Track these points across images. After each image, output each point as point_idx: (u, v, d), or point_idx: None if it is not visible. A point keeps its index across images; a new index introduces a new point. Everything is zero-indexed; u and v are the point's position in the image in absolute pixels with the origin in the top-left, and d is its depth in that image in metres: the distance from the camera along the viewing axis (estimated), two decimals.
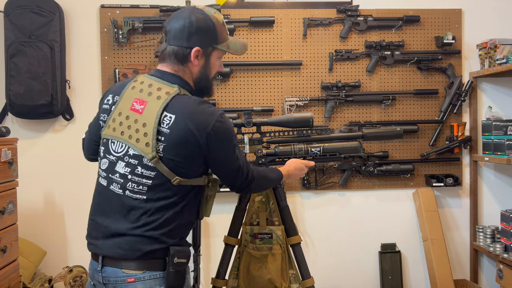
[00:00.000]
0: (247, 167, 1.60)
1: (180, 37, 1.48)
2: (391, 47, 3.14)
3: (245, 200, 2.24)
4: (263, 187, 1.90)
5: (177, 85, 1.48)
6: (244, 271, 2.19)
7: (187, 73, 1.53)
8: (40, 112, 2.88)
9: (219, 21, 1.53)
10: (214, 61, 1.57)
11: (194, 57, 1.49)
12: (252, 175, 1.62)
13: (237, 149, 1.54)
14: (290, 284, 2.23)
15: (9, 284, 2.34)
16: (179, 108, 1.43)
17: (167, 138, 1.41)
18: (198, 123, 1.42)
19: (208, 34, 1.50)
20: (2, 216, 2.30)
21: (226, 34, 1.57)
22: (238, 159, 1.55)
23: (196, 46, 1.48)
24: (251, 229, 2.21)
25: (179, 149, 1.42)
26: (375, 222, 3.24)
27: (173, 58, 1.50)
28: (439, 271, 3.06)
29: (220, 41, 1.55)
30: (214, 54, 1.55)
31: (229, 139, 1.49)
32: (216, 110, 1.48)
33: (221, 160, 1.51)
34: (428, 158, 3.17)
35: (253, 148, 2.20)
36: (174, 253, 1.43)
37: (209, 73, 1.57)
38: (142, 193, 1.44)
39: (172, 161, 1.42)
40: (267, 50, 3.12)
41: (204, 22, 1.49)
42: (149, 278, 1.43)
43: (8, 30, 2.84)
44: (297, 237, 2.22)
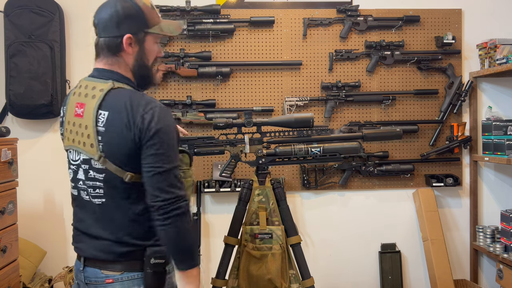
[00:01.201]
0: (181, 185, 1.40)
1: (109, 27, 1.44)
2: (391, 47, 3.13)
3: (245, 200, 2.24)
4: (184, 239, 1.39)
5: (111, 80, 1.43)
6: (244, 271, 2.19)
7: (122, 64, 1.47)
8: (40, 112, 2.88)
9: (146, 5, 1.47)
10: (150, 47, 1.50)
11: (127, 45, 1.44)
12: (184, 201, 1.39)
13: (174, 151, 1.41)
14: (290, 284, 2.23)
15: (9, 284, 2.34)
16: (111, 104, 1.39)
17: (104, 136, 1.38)
18: (133, 116, 1.37)
19: (137, 19, 1.44)
20: (2, 216, 2.30)
21: (157, 17, 1.50)
22: (173, 162, 1.39)
23: (127, 33, 1.43)
24: (251, 229, 2.22)
25: (116, 145, 1.38)
26: (375, 222, 3.24)
27: (106, 50, 1.45)
28: (439, 271, 3.06)
29: (151, 25, 1.48)
30: (148, 39, 1.48)
31: (166, 132, 1.38)
32: (150, 101, 1.40)
33: (154, 156, 1.37)
34: (428, 158, 3.17)
35: (253, 148, 2.20)
36: (150, 254, 1.41)
37: (146, 60, 1.50)
38: (100, 196, 1.43)
39: (116, 158, 1.38)
40: (267, 50, 3.12)
41: (131, 7, 1.43)
42: (127, 279, 1.42)
43: (8, 30, 2.84)
44: (297, 237, 2.23)
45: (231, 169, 2.23)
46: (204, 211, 3.12)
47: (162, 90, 3.06)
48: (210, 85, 3.09)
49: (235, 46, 3.10)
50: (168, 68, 2.97)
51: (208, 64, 3.01)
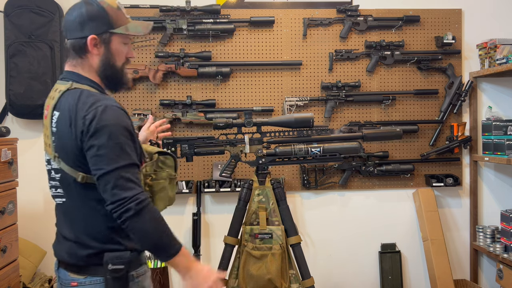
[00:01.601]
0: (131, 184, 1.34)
1: (74, 29, 1.43)
2: (391, 47, 3.13)
3: (245, 200, 2.24)
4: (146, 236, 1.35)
5: (71, 81, 1.43)
6: (244, 271, 2.20)
7: (85, 65, 1.46)
8: (40, 112, 2.82)
9: (111, 6, 1.46)
10: (117, 47, 1.48)
11: (92, 46, 1.43)
12: (133, 202, 1.32)
13: (118, 151, 1.34)
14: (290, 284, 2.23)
15: (9, 284, 2.34)
16: (62, 104, 1.40)
17: (56, 136, 1.40)
18: (76, 115, 1.36)
19: (100, 20, 1.43)
20: (2, 216, 2.30)
21: (124, 18, 1.48)
22: (116, 162, 1.33)
23: (91, 34, 1.42)
24: (251, 229, 2.22)
25: (65, 145, 1.38)
26: (375, 222, 3.24)
27: (72, 52, 1.45)
28: (439, 271, 3.06)
29: (117, 25, 1.46)
30: (115, 40, 1.47)
31: (107, 132, 1.33)
32: (97, 101, 1.37)
33: (94, 159, 1.33)
34: (428, 158, 3.17)
35: (253, 148, 2.20)
36: (108, 260, 1.39)
37: (113, 60, 1.48)
38: (61, 195, 1.45)
39: (67, 158, 1.38)
40: (267, 50, 3.12)
41: (94, 9, 1.43)
42: (90, 283, 1.41)
43: (8, 30, 2.84)
44: (297, 237, 2.23)
45: (231, 169, 2.23)
46: (204, 211, 3.12)
47: (162, 90, 3.06)
48: (210, 85, 3.09)
49: (235, 46, 3.10)
50: (168, 68, 2.97)
51: (208, 64, 3.01)
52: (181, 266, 1.40)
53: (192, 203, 3.11)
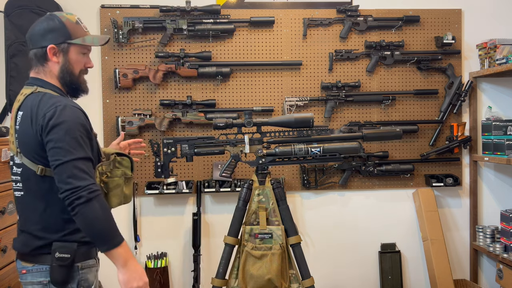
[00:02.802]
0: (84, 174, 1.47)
1: (36, 40, 1.61)
2: (391, 47, 3.14)
3: (245, 200, 2.24)
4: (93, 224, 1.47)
5: (35, 86, 1.61)
6: (244, 271, 2.20)
7: (47, 72, 1.63)
8: None
9: (70, 20, 1.64)
10: (75, 57, 1.64)
11: (51, 55, 1.60)
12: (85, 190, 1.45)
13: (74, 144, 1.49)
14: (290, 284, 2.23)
15: (10, 284, 2.35)
16: (26, 105, 1.57)
17: (18, 133, 1.56)
18: (36, 113, 1.52)
19: (59, 32, 1.61)
20: (2, 216, 2.31)
21: (82, 31, 1.65)
22: (71, 154, 1.47)
23: (50, 44, 1.59)
24: (251, 229, 2.22)
25: (26, 140, 1.54)
26: (375, 222, 3.24)
27: (35, 60, 1.63)
28: (439, 271, 3.06)
29: (75, 37, 1.63)
30: (72, 50, 1.63)
31: (64, 127, 1.49)
32: (58, 101, 1.53)
33: (52, 151, 1.48)
34: (428, 158, 3.18)
35: (253, 148, 2.20)
36: (56, 248, 1.52)
37: (71, 68, 1.64)
38: (19, 189, 1.60)
39: (28, 152, 1.54)
40: (267, 50, 3.13)
41: (54, 23, 1.61)
42: (37, 271, 1.55)
43: (9, 30, 2.84)
44: (297, 237, 2.23)
45: (231, 169, 2.23)
46: (204, 211, 3.12)
47: (162, 90, 3.06)
48: (210, 85, 3.09)
49: (235, 46, 3.10)
50: (168, 68, 2.97)
51: (208, 64, 3.01)
52: (121, 259, 1.50)
53: (192, 203, 3.11)
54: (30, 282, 1.55)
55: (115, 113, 3.02)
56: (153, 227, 3.09)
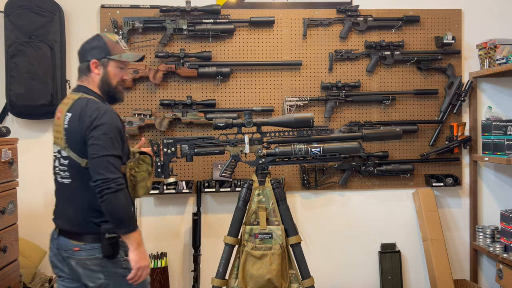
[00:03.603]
0: (115, 169, 1.76)
1: (83, 54, 1.95)
2: (391, 47, 3.14)
3: (245, 200, 2.24)
4: (117, 211, 1.77)
5: (81, 93, 1.90)
6: (244, 271, 2.20)
7: (90, 82, 1.94)
8: (40, 112, 2.89)
9: (111, 39, 1.95)
10: (113, 70, 1.94)
11: (93, 68, 1.92)
12: (114, 182, 1.74)
13: (109, 143, 1.78)
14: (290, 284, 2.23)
15: (10, 284, 2.35)
16: (74, 108, 1.84)
17: (67, 131, 1.83)
18: (83, 114, 1.80)
19: (100, 49, 1.93)
20: (2, 216, 2.31)
21: (120, 49, 1.96)
22: (107, 150, 1.77)
23: (92, 58, 1.91)
24: (251, 229, 2.22)
25: (74, 138, 1.82)
26: (375, 222, 3.24)
27: (81, 71, 1.95)
28: (439, 271, 3.06)
29: (113, 54, 1.93)
30: (111, 64, 1.93)
31: (104, 128, 1.78)
32: (101, 106, 1.83)
33: (91, 146, 1.77)
34: (428, 158, 3.18)
35: (253, 148, 2.20)
36: (104, 230, 1.81)
37: (110, 79, 1.94)
38: (68, 177, 1.86)
39: (75, 147, 1.82)
40: (267, 50, 3.13)
41: (97, 42, 1.94)
42: (90, 248, 1.83)
43: (9, 30, 2.84)
44: (297, 237, 2.23)
45: (231, 169, 2.23)
46: (204, 211, 3.12)
47: (162, 90, 3.06)
48: (210, 85, 3.09)
49: (235, 46, 3.10)
50: (168, 68, 2.97)
51: (208, 64, 3.01)
52: (135, 242, 1.82)
53: (192, 203, 3.11)
54: (86, 258, 1.84)
55: None
56: (153, 227, 3.09)
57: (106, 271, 1.85)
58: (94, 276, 1.85)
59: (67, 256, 1.86)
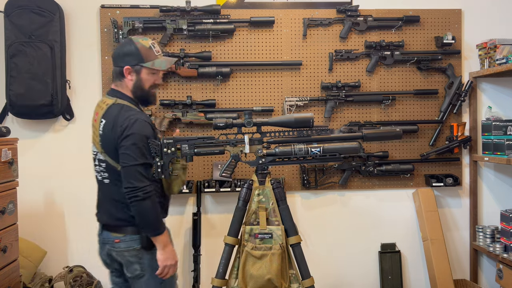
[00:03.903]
0: (143, 178, 1.90)
1: (116, 60, 2.04)
2: (391, 47, 3.14)
3: (245, 200, 2.24)
4: (144, 217, 1.92)
5: (115, 98, 2.01)
6: (244, 271, 2.20)
7: (124, 86, 2.04)
8: (40, 112, 2.89)
9: (144, 45, 2.02)
10: (145, 76, 2.03)
11: (127, 74, 2.01)
12: (141, 191, 1.88)
13: (138, 152, 1.90)
14: (290, 284, 2.23)
15: (10, 284, 2.35)
16: (108, 114, 1.97)
17: (102, 137, 1.97)
18: (116, 123, 1.92)
19: (134, 56, 2.00)
20: (2, 216, 2.31)
21: (153, 55, 2.03)
22: (135, 160, 1.89)
23: (126, 65, 2.00)
24: (251, 229, 2.22)
25: (108, 144, 1.95)
26: (375, 222, 3.24)
27: (115, 76, 2.05)
28: (439, 271, 3.06)
29: (146, 61, 2.01)
30: (144, 71, 2.02)
31: (133, 138, 1.90)
32: (132, 115, 1.94)
33: (122, 155, 1.90)
34: (428, 158, 3.18)
35: (253, 148, 2.20)
36: None
37: (142, 85, 2.03)
38: (106, 177, 2.01)
39: (110, 153, 1.95)
40: (267, 50, 3.13)
41: (131, 48, 2.01)
42: (130, 240, 1.99)
43: (9, 30, 2.84)
44: (297, 237, 2.23)
45: (231, 169, 2.23)
46: (204, 211, 3.12)
47: (162, 90, 3.06)
48: (210, 85, 3.09)
49: (235, 46, 3.10)
50: (168, 68, 2.97)
51: (208, 64, 3.01)
52: (162, 243, 1.97)
53: (192, 203, 3.11)
54: (124, 249, 1.99)
55: None
56: None
57: (142, 263, 2.00)
58: (131, 267, 2.00)
59: (109, 249, 2.02)
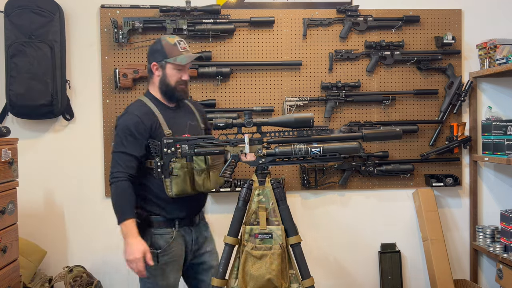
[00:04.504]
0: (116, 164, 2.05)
1: (148, 58, 2.22)
2: (391, 47, 3.14)
3: (245, 200, 2.24)
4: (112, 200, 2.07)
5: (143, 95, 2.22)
6: (244, 271, 2.20)
7: (152, 84, 2.21)
8: (41, 112, 2.89)
9: (169, 42, 2.15)
10: (170, 72, 2.15)
11: (154, 70, 2.17)
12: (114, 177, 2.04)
13: (117, 143, 2.07)
14: (290, 284, 2.23)
15: (10, 284, 2.35)
16: None
17: None
18: None
19: (159, 52, 2.14)
20: (2, 216, 2.31)
21: (177, 51, 2.14)
22: (114, 148, 2.09)
23: (153, 61, 2.16)
24: (251, 229, 2.22)
25: None
26: (375, 222, 3.24)
27: (148, 74, 2.23)
28: (439, 271, 3.06)
29: (170, 57, 2.13)
30: (168, 66, 2.14)
31: (117, 129, 2.10)
32: (128, 108, 2.17)
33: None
34: (428, 158, 3.18)
35: (253, 148, 2.20)
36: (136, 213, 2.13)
37: (168, 80, 2.16)
38: None
39: None
40: (267, 50, 3.13)
41: (157, 45, 2.17)
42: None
43: (8, 30, 2.84)
44: (297, 237, 2.22)
45: (231, 169, 2.23)
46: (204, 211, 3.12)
47: None
48: (210, 85, 3.09)
49: (235, 46, 3.10)
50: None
51: (208, 64, 3.01)
52: (123, 234, 2.02)
53: None
54: None
55: (115, 113, 3.02)
56: None
57: None
58: None
59: None
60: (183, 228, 2.24)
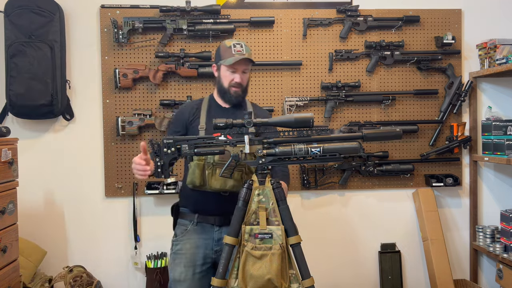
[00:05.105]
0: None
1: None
2: (391, 47, 3.14)
3: (245, 200, 2.24)
4: None
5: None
6: (244, 271, 2.19)
7: (216, 83, 2.31)
8: (41, 112, 2.89)
9: (225, 45, 2.20)
10: (223, 73, 2.23)
11: (214, 71, 2.30)
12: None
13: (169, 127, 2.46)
14: (290, 284, 2.23)
15: (10, 284, 2.35)
16: None
17: None
18: None
19: (217, 55, 2.26)
20: (2, 216, 2.31)
21: (229, 53, 2.17)
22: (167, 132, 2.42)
23: (214, 63, 2.30)
24: (251, 229, 2.21)
25: None
26: (375, 222, 3.24)
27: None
28: (439, 271, 3.06)
29: (223, 58, 2.20)
30: (222, 68, 2.22)
31: None
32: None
33: None
34: (428, 158, 3.18)
35: (253, 148, 2.20)
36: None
37: (222, 81, 2.24)
38: None
39: None
40: (267, 50, 3.13)
41: (218, 48, 2.26)
42: None
43: (8, 30, 2.84)
44: (297, 237, 2.22)
45: (231, 169, 2.23)
46: None
47: (162, 90, 3.06)
48: (210, 85, 3.09)
49: None
50: (168, 68, 2.97)
51: (208, 64, 3.01)
52: None
53: None
54: None
55: (115, 113, 3.02)
56: (153, 227, 3.09)
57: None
58: None
59: None
60: (202, 224, 2.27)
